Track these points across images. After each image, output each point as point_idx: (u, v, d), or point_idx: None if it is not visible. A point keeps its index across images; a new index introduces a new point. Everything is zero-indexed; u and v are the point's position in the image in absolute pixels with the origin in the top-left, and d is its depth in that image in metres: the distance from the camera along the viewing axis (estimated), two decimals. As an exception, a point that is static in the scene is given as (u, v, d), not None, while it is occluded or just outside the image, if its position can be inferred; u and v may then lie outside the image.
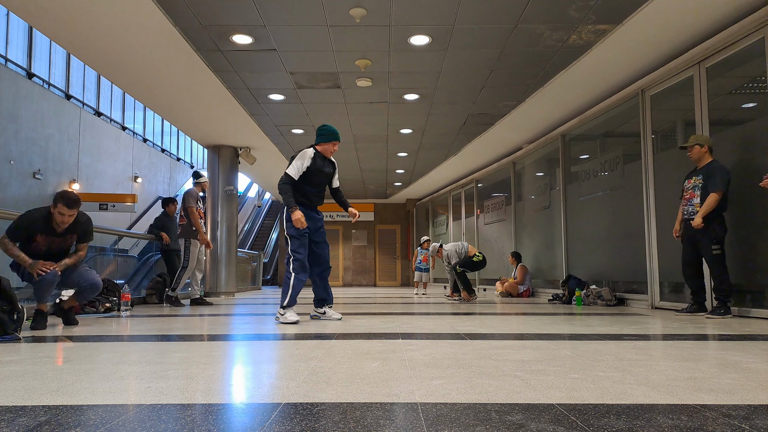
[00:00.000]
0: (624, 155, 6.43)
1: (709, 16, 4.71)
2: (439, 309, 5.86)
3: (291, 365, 2.28)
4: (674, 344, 2.91)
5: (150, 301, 7.25)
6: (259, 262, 14.86)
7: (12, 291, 3.46)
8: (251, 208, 20.79)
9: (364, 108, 7.44)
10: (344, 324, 4.12)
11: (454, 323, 4.16)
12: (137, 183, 17.58)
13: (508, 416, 1.47)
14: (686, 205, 4.81)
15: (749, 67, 4.66)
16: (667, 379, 1.97)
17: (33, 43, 12.96)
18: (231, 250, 9.66)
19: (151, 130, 19.44)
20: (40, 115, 12.89)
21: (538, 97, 6.88)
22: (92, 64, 5.82)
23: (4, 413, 1.52)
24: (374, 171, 12.05)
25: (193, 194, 6.73)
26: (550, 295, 7.73)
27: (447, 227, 13.99)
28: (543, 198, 8.63)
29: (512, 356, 2.50)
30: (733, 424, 1.38)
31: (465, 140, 9.16)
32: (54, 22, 4.86)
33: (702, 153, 4.71)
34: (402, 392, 1.76)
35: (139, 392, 1.77)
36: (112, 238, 12.12)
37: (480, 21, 4.84)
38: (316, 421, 1.43)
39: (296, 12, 4.67)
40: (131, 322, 4.54)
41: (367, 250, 17.34)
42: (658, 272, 5.73)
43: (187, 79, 6.28)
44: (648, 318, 4.58)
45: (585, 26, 4.90)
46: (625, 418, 1.44)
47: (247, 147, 9.71)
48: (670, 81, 5.59)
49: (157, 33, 5.08)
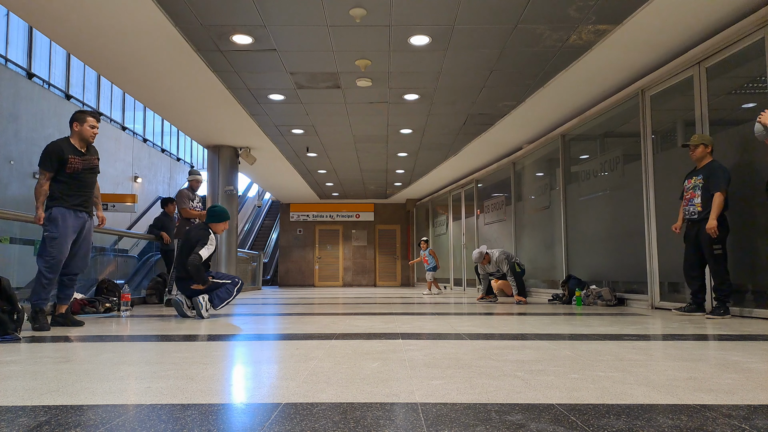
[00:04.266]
0: (624, 155, 6.43)
1: (709, 16, 4.71)
2: (439, 309, 5.86)
3: (291, 365, 2.28)
4: (674, 344, 2.90)
5: (150, 301, 7.25)
6: (259, 262, 14.87)
7: (12, 291, 3.46)
8: (251, 208, 20.78)
9: (364, 108, 7.44)
10: (344, 324, 4.12)
11: (454, 323, 4.16)
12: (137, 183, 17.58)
13: (508, 416, 1.47)
14: (687, 205, 4.80)
15: (749, 67, 4.66)
16: (667, 379, 1.97)
17: (33, 43, 12.96)
18: (231, 250, 9.66)
19: (151, 130, 19.44)
20: (40, 115, 12.89)
21: (538, 97, 6.88)
22: (92, 64, 5.82)
23: (4, 413, 1.52)
24: (374, 171, 12.05)
25: (184, 194, 6.74)
26: (550, 295, 7.72)
27: (447, 227, 13.99)
28: (543, 198, 8.63)
29: (512, 356, 2.50)
30: (733, 424, 1.38)
31: (465, 140, 9.16)
32: (54, 22, 4.86)
33: (705, 153, 4.71)
34: (402, 392, 1.76)
35: (138, 392, 1.77)
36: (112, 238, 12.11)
37: (480, 21, 4.84)
38: (316, 421, 1.43)
39: (296, 12, 4.67)
40: (131, 322, 4.54)
41: (367, 250, 17.33)
42: (658, 272, 5.73)
43: (187, 79, 6.28)
44: (648, 318, 4.58)
45: (585, 26, 4.90)
46: (625, 418, 1.44)
47: (247, 147, 9.71)
48: (670, 81, 5.59)
49: (157, 33, 5.08)
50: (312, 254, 17.31)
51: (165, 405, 1.60)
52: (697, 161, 4.76)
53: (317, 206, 17.18)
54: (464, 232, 12.55)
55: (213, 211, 5.06)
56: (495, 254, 7.45)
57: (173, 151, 21.52)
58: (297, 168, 11.59)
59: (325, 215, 17.23)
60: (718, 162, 4.64)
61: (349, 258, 17.30)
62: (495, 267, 7.48)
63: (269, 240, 19.80)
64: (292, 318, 4.78)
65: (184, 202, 6.67)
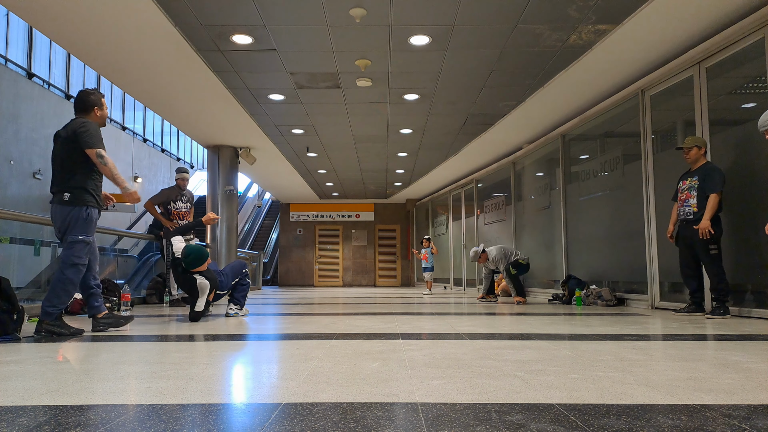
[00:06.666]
0: (624, 155, 6.43)
1: (709, 16, 4.71)
2: (439, 309, 5.86)
3: (291, 365, 2.28)
4: (674, 344, 2.90)
5: (150, 301, 7.25)
6: (259, 262, 14.86)
7: (12, 291, 3.46)
8: (251, 208, 20.78)
9: (364, 108, 7.44)
10: (344, 324, 4.12)
11: (454, 323, 4.16)
12: (137, 183, 17.58)
13: (508, 416, 1.47)
14: (682, 206, 4.83)
15: (749, 67, 4.66)
16: (667, 379, 1.97)
17: (33, 43, 12.96)
18: (231, 250, 9.66)
19: (151, 130, 19.44)
20: (40, 115, 12.89)
21: (538, 97, 6.88)
22: (92, 64, 5.82)
23: (4, 413, 1.52)
24: (374, 171, 12.05)
25: (163, 193, 6.74)
26: (550, 295, 7.72)
27: (447, 227, 13.99)
28: (543, 198, 8.63)
29: (512, 356, 2.50)
30: (733, 424, 1.38)
31: (465, 140, 9.16)
32: (54, 22, 4.86)
33: (699, 155, 4.75)
34: (402, 392, 1.76)
35: (138, 392, 1.77)
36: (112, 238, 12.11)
37: (480, 21, 4.84)
38: (316, 421, 1.43)
39: (296, 12, 4.67)
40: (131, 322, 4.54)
41: (367, 250, 17.33)
42: (658, 272, 5.73)
43: (187, 79, 6.28)
44: (648, 318, 4.58)
45: (585, 26, 4.90)
46: (625, 418, 1.44)
47: (247, 147, 9.71)
48: (670, 81, 5.59)
49: (157, 33, 5.08)
50: (312, 254, 17.31)
51: (165, 405, 1.60)
52: (692, 163, 4.79)
53: (317, 206, 17.18)
54: (464, 232, 12.55)
55: (187, 262, 4.66)
56: (493, 252, 7.39)
57: (173, 151, 21.52)
58: (297, 168, 11.59)
59: (325, 215, 17.23)
60: (712, 163, 4.68)
61: (349, 258, 17.30)
62: (494, 265, 7.45)
63: (269, 240, 19.80)
64: (292, 318, 4.78)
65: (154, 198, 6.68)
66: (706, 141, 4.83)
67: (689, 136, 4.86)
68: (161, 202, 6.77)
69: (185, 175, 7.00)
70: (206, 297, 4.64)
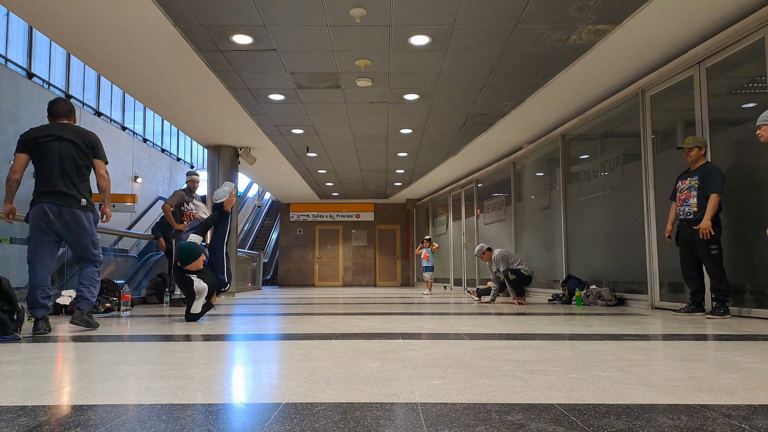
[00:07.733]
0: (624, 155, 6.43)
1: (709, 16, 4.71)
2: (439, 309, 5.86)
3: (291, 365, 2.28)
4: (674, 344, 2.90)
5: (150, 301, 7.25)
6: (259, 262, 14.86)
7: (12, 291, 3.46)
8: (251, 208, 20.77)
9: (364, 108, 7.43)
10: (344, 324, 4.12)
11: (454, 323, 4.16)
12: (137, 183, 17.57)
13: (508, 416, 1.47)
14: (682, 205, 4.82)
15: (749, 67, 4.66)
16: (667, 379, 1.96)
17: (33, 43, 12.96)
18: (231, 250, 9.66)
19: (151, 130, 19.43)
20: (40, 115, 12.88)
21: (538, 97, 6.88)
22: (92, 64, 5.82)
23: (4, 413, 1.52)
24: (374, 171, 12.05)
25: (177, 195, 6.78)
26: (550, 295, 7.72)
27: (447, 227, 13.99)
28: (543, 198, 8.63)
29: (512, 356, 2.50)
30: (733, 424, 1.38)
31: (465, 140, 9.16)
32: (54, 22, 4.86)
33: (699, 155, 4.75)
34: (402, 392, 1.76)
35: (139, 392, 1.77)
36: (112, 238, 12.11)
37: (480, 21, 4.84)
38: (316, 421, 1.43)
39: (296, 12, 4.67)
40: (131, 322, 4.54)
41: (367, 250, 17.33)
42: (658, 272, 5.73)
43: (187, 79, 6.28)
44: (648, 318, 4.58)
45: (585, 26, 4.90)
46: (625, 418, 1.44)
47: (247, 147, 9.71)
48: (670, 81, 5.59)
49: (157, 33, 5.08)
50: (312, 254, 17.30)
51: (165, 405, 1.60)
52: (692, 163, 4.79)
53: (317, 206, 17.17)
54: (464, 232, 12.55)
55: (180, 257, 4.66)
56: (495, 252, 7.41)
57: (173, 151, 21.51)
58: (297, 168, 11.59)
59: (325, 215, 17.23)
60: (712, 163, 4.68)
61: (349, 258, 17.30)
62: (495, 266, 7.45)
63: (269, 240, 19.80)
64: (292, 318, 4.78)
65: (171, 200, 6.74)
66: (706, 141, 4.83)
67: (689, 136, 4.86)
68: (176, 204, 6.81)
69: (196, 178, 7.14)
70: (203, 300, 4.63)
